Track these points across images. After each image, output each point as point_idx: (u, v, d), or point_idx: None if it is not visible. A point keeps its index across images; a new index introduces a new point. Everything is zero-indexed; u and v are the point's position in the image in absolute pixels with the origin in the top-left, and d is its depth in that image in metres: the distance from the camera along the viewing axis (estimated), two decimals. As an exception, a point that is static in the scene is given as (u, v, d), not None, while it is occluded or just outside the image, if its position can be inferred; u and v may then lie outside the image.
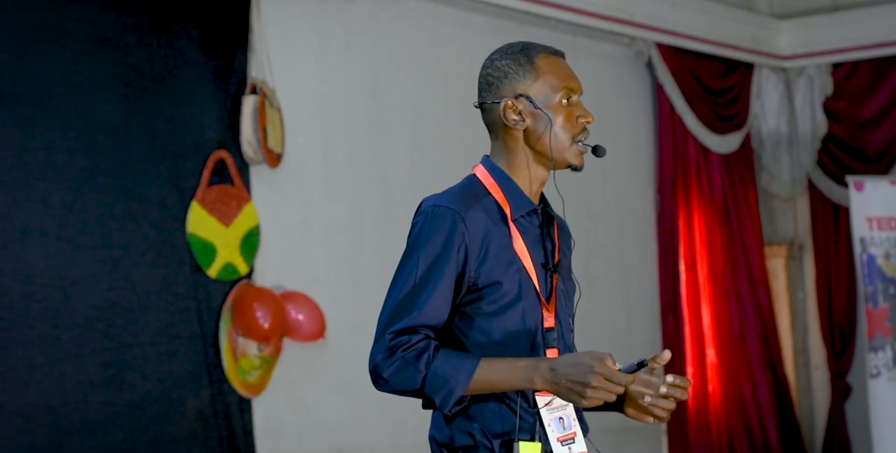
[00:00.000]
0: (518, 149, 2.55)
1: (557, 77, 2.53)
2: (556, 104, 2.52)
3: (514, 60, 2.55)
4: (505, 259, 2.47)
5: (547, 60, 2.55)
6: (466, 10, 6.16)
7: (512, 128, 2.53)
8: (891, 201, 7.11)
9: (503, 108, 2.53)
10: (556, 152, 2.52)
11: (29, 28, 4.38)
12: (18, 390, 4.25)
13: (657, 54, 7.07)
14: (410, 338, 2.41)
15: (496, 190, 2.53)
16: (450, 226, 2.44)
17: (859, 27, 7.63)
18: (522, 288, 2.48)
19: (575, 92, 2.54)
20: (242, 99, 4.97)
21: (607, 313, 6.88)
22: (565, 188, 7.81)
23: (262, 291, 4.91)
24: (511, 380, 2.39)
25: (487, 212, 2.49)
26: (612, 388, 2.33)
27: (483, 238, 2.46)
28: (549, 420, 2.48)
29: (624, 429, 6.93)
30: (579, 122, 2.53)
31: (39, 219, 4.35)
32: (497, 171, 2.55)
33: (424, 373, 2.38)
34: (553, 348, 2.51)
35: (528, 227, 2.55)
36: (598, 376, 2.33)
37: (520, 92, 2.53)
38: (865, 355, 7.06)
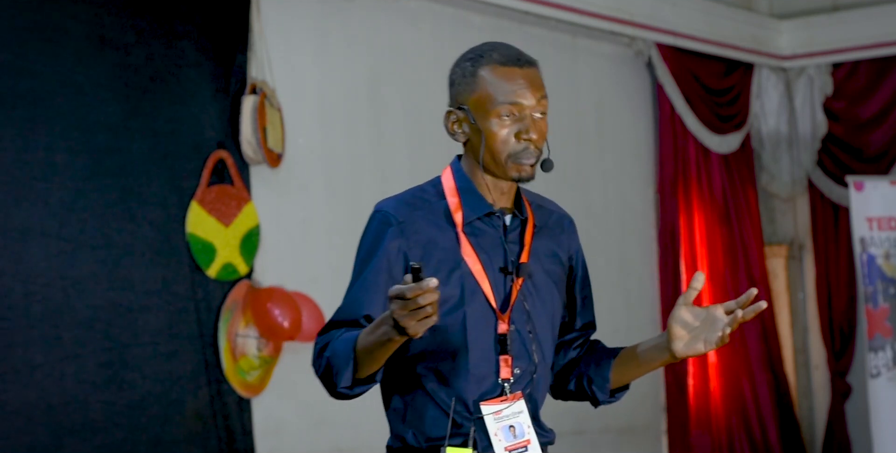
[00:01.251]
0: (469, 157, 2.50)
1: (501, 91, 2.42)
2: (494, 120, 2.42)
3: (461, 69, 2.48)
4: (448, 265, 2.41)
5: (493, 72, 2.44)
6: (466, 10, 6.16)
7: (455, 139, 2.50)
8: (891, 201, 7.11)
9: (446, 116, 2.49)
10: (495, 166, 2.44)
11: (29, 28, 4.38)
12: (18, 390, 4.25)
13: (657, 54, 7.07)
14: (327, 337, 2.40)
15: (453, 193, 2.48)
16: (383, 231, 2.41)
17: (859, 27, 7.63)
18: (466, 293, 2.41)
19: (520, 107, 2.42)
20: (242, 99, 4.97)
21: (607, 313, 6.86)
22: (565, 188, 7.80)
23: (272, 291, 4.91)
24: (379, 339, 2.24)
25: (434, 217, 2.44)
26: (408, 304, 2.11)
27: (425, 244, 2.41)
28: (495, 429, 2.41)
29: (624, 429, 6.93)
30: (521, 139, 2.42)
31: (39, 219, 4.35)
32: (459, 174, 2.51)
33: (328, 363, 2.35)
34: (506, 354, 2.43)
35: (485, 230, 2.46)
36: (393, 299, 2.13)
37: (461, 102, 2.47)
38: (865, 355, 7.06)
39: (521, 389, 2.46)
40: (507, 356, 2.43)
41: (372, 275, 2.40)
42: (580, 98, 6.86)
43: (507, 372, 2.44)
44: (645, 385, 7.08)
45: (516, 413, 2.43)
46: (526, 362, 2.47)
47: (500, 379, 2.44)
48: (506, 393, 2.44)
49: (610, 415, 6.84)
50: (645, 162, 7.26)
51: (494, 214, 2.48)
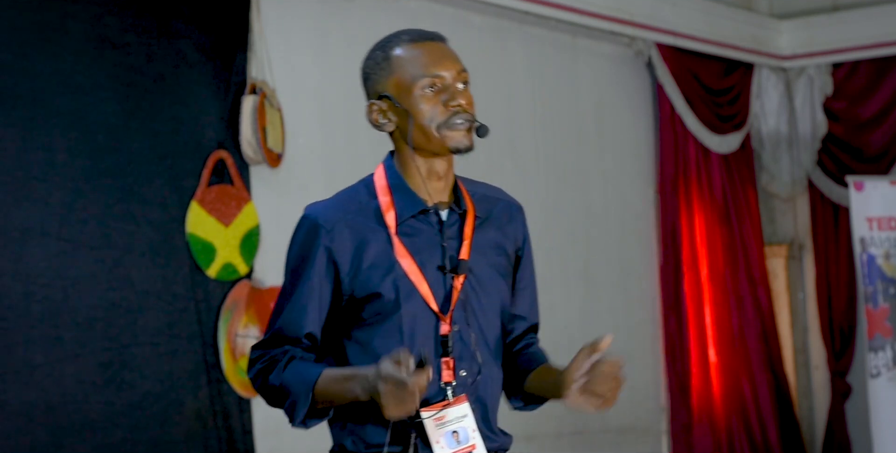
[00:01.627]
0: (400, 148, 2.44)
1: (416, 66, 2.38)
2: (418, 96, 2.37)
3: (373, 59, 2.45)
4: (382, 268, 2.35)
5: (405, 51, 2.40)
6: (466, 10, 6.16)
7: (383, 130, 2.45)
8: (891, 201, 7.11)
9: (368, 111, 2.44)
10: (431, 142, 2.38)
11: (29, 28, 4.38)
12: (18, 390, 4.24)
13: (657, 54, 7.07)
14: (267, 351, 2.37)
15: (385, 193, 2.42)
16: (312, 239, 2.37)
17: (859, 27, 7.63)
18: (401, 296, 2.34)
19: (441, 78, 2.38)
20: (242, 99, 4.97)
21: (607, 313, 6.88)
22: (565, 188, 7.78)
23: (272, 291, 4.91)
24: (345, 393, 2.26)
25: (365, 220, 2.39)
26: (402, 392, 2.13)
27: (355, 248, 2.36)
28: (437, 435, 2.32)
29: (624, 429, 6.93)
30: (449, 107, 2.38)
31: (39, 219, 4.35)
32: (391, 171, 2.45)
33: (276, 386, 2.33)
34: (447, 357, 2.36)
35: (421, 229, 2.40)
36: (384, 381, 2.15)
37: (380, 91, 2.42)
38: (865, 355, 7.06)
39: (467, 392, 2.38)
40: (449, 358, 2.36)
41: (306, 290, 2.36)
42: (580, 98, 6.86)
43: (448, 376, 2.36)
44: (645, 385, 7.08)
45: (459, 417, 2.34)
46: (470, 363, 2.39)
47: (443, 382, 2.36)
48: (448, 398, 2.35)
49: (610, 415, 6.84)
50: (645, 162, 7.26)
51: (429, 211, 2.41)
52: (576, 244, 6.75)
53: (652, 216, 7.25)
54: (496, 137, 6.31)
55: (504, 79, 6.40)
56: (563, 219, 6.67)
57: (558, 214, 6.64)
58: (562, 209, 6.66)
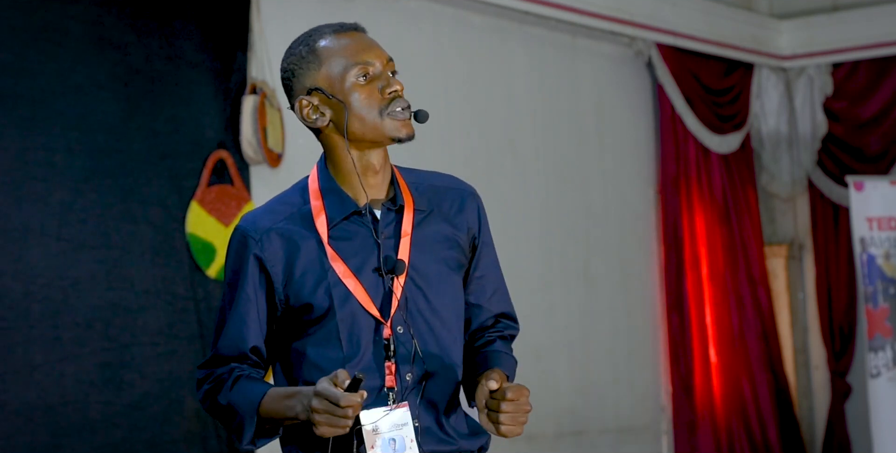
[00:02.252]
0: (333, 145, 2.33)
1: (344, 55, 2.31)
2: (352, 85, 2.29)
3: (296, 55, 2.34)
4: (314, 275, 2.28)
5: (331, 42, 2.33)
6: (466, 10, 6.16)
7: (316, 126, 2.32)
8: (891, 201, 7.10)
9: (298, 108, 2.32)
10: (370, 132, 2.28)
11: (29, 28, 4.38)
12: (18, 390, 4.25)
13: (657, 54, 7.07)
14: (213, 371, 2.32)
15: (316, 196, 2.33)
16: (243, 250, 2.30)
17: (859, 27, 7.63)
18: (335, 302, 2.26)
19: (371, 65, 2.31)
20: (242, 99, 4.97)
21: (607, 313, 6.89)
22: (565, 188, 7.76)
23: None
24: (286, 411, 2.19)
25: (296, 226, 2.30)
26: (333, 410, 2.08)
27: (287, 257, 2.29)
28: (373, 441, 2.21)
29: (624, 429, 6.93)
30: (386, 94, 2.31)
31: (39, 219, 4.35)
32: (324, 173, 2.35)
33: (222, 407, 2.28)
34: (390, 361, 2.28)
35: (355, 231, 2.31)
36: (318, 398, 2.10)
37: (309, 86, 2.31)
38: (865, 355, 7.06)
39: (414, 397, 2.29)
40: (391, 363, 2.28)
41: (244, 305, 2.30)
42: (580, 98, 6.86)
43: (390, 380, 2.27)
44: (645, 385, 7.08)
45: (399, 425, 2.23)
46: (415, 366, 2.30)
47: (386, 387, 2.27)
48: (390, 403, 2.25)
49: (610, 415, 6.84)
50: (645, 162, 7.26)
51: (361, 212, 2.31)
52: (576, 244, 6.75)
53: (652, 216, 7.25)
54: (496, 137, 6.36)
55: (504, 79, 6.40)
56: (563, 219, 6.67)
57: (558, 214, 6.64)
58: (562, 209, 6.66)
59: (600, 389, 6.78)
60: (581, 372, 6.64)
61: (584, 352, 6.69)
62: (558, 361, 6.53)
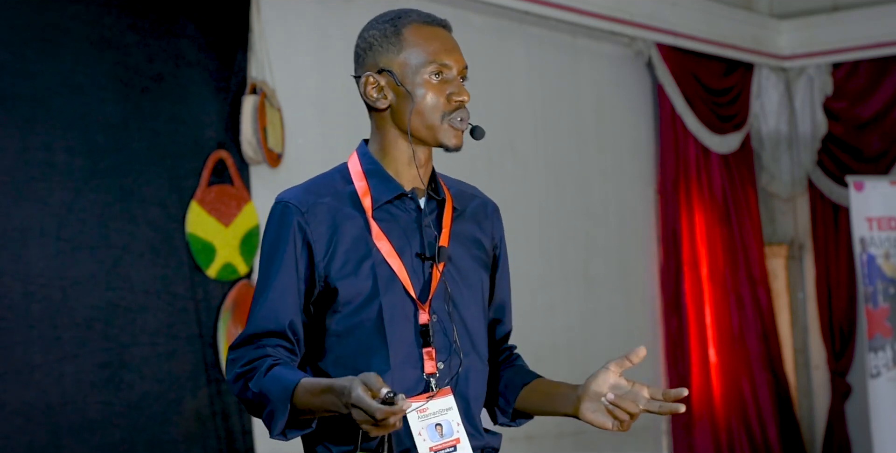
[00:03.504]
0: (386, 129, 2.33)
1: (427, 50, 2.28)
2: (424, 80, 2.27)
3: (380, 31, 2.32)
4: (358, 253, 2.24)
5: (418, 31, 2.31)
6: (466, 10, 6.16)
7: (374, 106, 2.31)
8: (891, 201, 7.11)
9: (364, 83, 2.30)
10: (425, 131, 2.28)
11: (29, 28, 4.38)
12: (17, 390, 4.25)
13: (657, 54, 7.08)
14: (247, 353, 2.23)
15: (360, 178, 2.31)
16: (287, 223, 2.25)
17: (859, 27, 7.63)
18: (380, 283, 2.23)
19: (448, 68, 2.29)
20: (242, 99, 4.97)
21: (607, 313, 6.89)
22: (565, 188, 7.76)
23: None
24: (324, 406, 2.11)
25: (340, 204, 2.28)
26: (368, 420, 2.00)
27: (331, 233, 2.24)
28: (419, 427, 2.19)
29: (624, 429, 6.93)
30: (452, 100, 2.28)
31: (39, 219, 4.35)
32: (366, 157, 2.34)
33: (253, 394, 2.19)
34: (429, 347, 2.25)
35: (398, 215, 2.29)
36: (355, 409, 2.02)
37: (382, 66, 2.29)
38: (865, 355, 7.06)
39: (451, 385, 2.27)
40: (430, 348, 2.25)
41: (284, 278, 2.23)
42: (580, 98, 6.86)
43: (431, 366, 2.25)
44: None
45: (444, 410, 2.23)
46: (450, 355, 2.28)
47: (425, 374, 2.25)
48: (432, 389, 2.24)
49: (610, 415, 6.83)
50: (645, 162, 7.26)
51: (406, 196, 2.31)
52: (576, 244, 6.75)
53: (652, 216, 7.26)
54: (496, 137, 6.35)
55: (504, 79, 6.40)
56: (563, 219, 6.67)
57: (558, 214, 6.64)
58: (562, 209, 6.66)
59: (600, 389, 6.77)
60: (581, 372, 6.60)
61: (584, 352, 6.68)
62: (558, 361, 6.52)
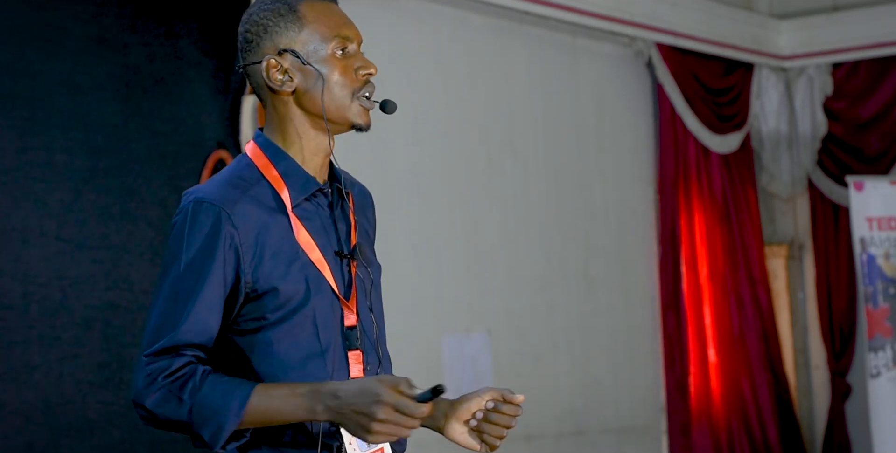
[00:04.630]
0: (290, 116, 2.17)
1: (327, 25, 2.17)
2: (329, 56, 2.15)
3: (273, 11, 2.19)
4: (286, 256, 2.09)
5: (312, 7, 2.18)
6: (466, 10, 6.16)
7: (279, 90, 2.16)
8: (891, 201, 7.10)
9: (265, 67, 2.17)
10: (335, 112, 2.15)
11: (29, 28, 4.38)
12: (17, 390, 4.25)
13: (657, 54, 7.07)
14: (172, 361, 2.04)
15: (270, 171, 2.14)
16: (212, 225, 2.06)
17: (859, 27, 7.63)
18: (311, 286, 2.10)
19: (350, 40, 2.18)
20: (242, 99, 4.98)
21: (607, 313, 6.88)
22: (565, 188, 7.74)
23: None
24: (290, 410, 2.01)
25: (259, 203, 2.11)
26: (402, 421, 1.94)
27: (256, 235, 2.08)
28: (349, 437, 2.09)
29: (624, 429, 6.93)
30: (360, 75, 2.17)
31: (38, 220, 4.35)
32: (271, 148, 2.17)
33: (190, 405, 2.01)
34: (355, 349, 2.14)
35: (313, 211, 2.16)
36: (386, 407, 1.93)
37: (283, 47, 2.17)
38: (865, 355, 7.06)
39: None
40: (358, 351, 2.15)
41: (214, 287, 2.06)
42: (580, 98, 6.86)
43: (357, 370, 2.15)
44: (645, 385, 7.08)
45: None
46: (373, 357, 2.18)
47: (351, 378, 2.13)
48: None
49: (610, 415, 6.84)
50: (645, 162, 7.26)
51: (324, 191, 2.19)
52: (576, 244, 6.75)
53: (652, 216, 7.25)
54: (496, 137, 6.35)
55: (504, 79, 6.40)
56: (563, 219, 6.67)
57: (558, 214, 6.64)
58: (562, 209, 6.66)
59: (600, 389, 6.77)
60: (581, 372, 6.64)
61: (584, 352, 6.68)
62: (558, 361, 6.52)
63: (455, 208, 6.02)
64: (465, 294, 6.02)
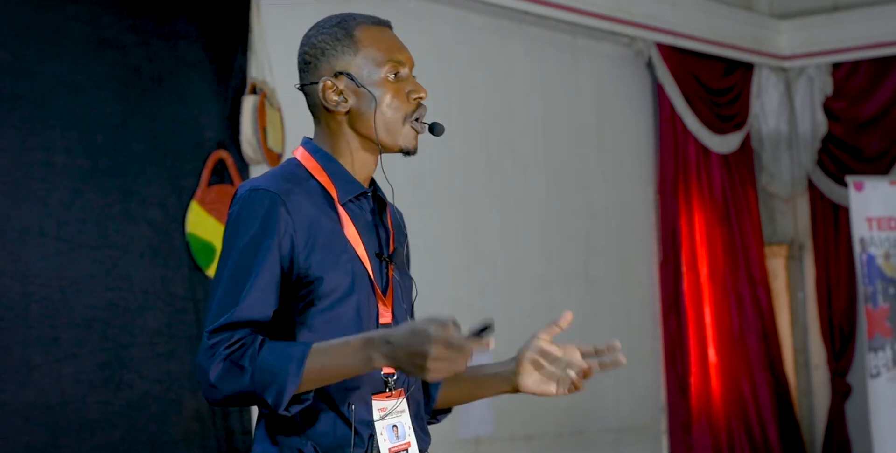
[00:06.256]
0: (342, 134, 2.27)
1: (381, 49, 2.25)
2: (382, 80, 2.24)
3: (330, 35, 2.28)
4: (336, 247, 2.17)
5: (368, 32, 2.27)
6: (466, 10, 6.17)
7: (334, 110, 2.25)
8: (891, 201, 7.11)
9: (322, 88, 2.25)
10: (386, 135, 2.25)
11: (29, 28, 4.38)
12: (17, 390, 4.25)
13: (657, 54, 7.08)
14: (232, 334, 2.10)
15: (319, 172, 2.23)
16: (268, 209, 2.14)
17: (859, 27, 7.63)
18: (356, 279, 2.18)
19: (403, 65, 2.26)
20: (242, 99, 4.98)
21: (607, 313, 6.88)
22: (565, 188, 7.73)
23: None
24: (348, 363, 2.07)
25: (311, 196, 2.20)
26: (454, 356, 2.01)
27: (308, 224, 2.16)
28: (381, 428, 2.18)
29: (624, 429, 6.93)
30: (411, 99, 2.27)
31: (38, 220, 4.35)
32: (320, 153, 2.26)
33: (251, 371, 2.07)
34: None
35: (358, 213, 2.25)
36: (438, 344, 2.00)
37: (339, 69, 2.25)
38: (865, 355, 7.06)
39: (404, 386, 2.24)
40: None
41: (268, 270, 2.13)
42: (580, 98, 6.86)
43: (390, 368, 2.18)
44: (645, 385, 7.08)
45: (399, 411, 2.21)
46: None
47: (384, 373, 2.20)
48: (390, 390, 2.21)
49: (610, 415, 6.84)
50: (645, 162, 7.26)
51: (367, 194, 2.29)
52: (576, 244, 6.75)
53: (652, 216, 7.25)
54: (496, 137, 6.35)
55: (504, 79, 6.40)
56: (563, 219, 6.67)
57: (558, 214, 6.64)
58: (562, 209, 6.67)
59: (600, 389, 6.77)
60: (581, 372, 6.63)
61: (583, 352, 6.68)
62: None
63: (455, 208, 6.02)
64: (465, 294, 6.03)
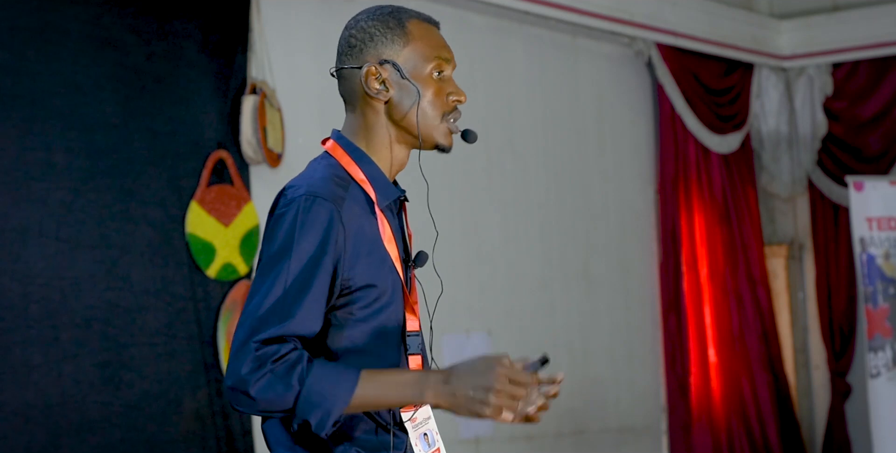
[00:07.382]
0: (379, 125, 2.24)
1: (430, 45, 2.22)
2: (427, 76, 2.22)
3: (382, 22, 2.23)
4: (378, 256, 2.15)
5: (420, 26, 2.24)
6: (466, 10, 6.17)
7: (373, 98, 2.22)
8: (891, 201, 7.11)
9: (365, 74, 2.21)
10: (424, 129, 2.22)
11: (29, 28, 4.38)
12: (16, 390, 4.25)
13: (657, 54, 7.08)
14: (280, 347, 2.04)
15: (357, 173, 2.20)
16: (327, 222, 2.10)
17: (859, 27, 7.64)
18: (394, 288, 2.17)
19: (448, 64, 2.24)
20: (242, 99, 4.98)
21: (607, 313, 6.89)
22: (565, 188, 7.74)
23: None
24: (398, 396, 2.06)
25: (357, 202, 2.16)
26: (516, 391, 2.02)
27: (357, 232, 2.13)
28: (415, 438, 2.17)
29: (624, 429, 6.93)
30: (450, 100, 2.24)
31: (38, 220, 4.35)
32: (356, 152, 2.23)
33: (298, 390, 2.02)
34: (416, 354, 2.20)
35: (389, 217, 2.22)
36: (502, 377, 2.02)
37: (386, 58, 2.21)
38: (865, 355, 7.06)
39: None
40: (418, 355, 2.21)
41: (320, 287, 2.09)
42: (580, 98, 6.86)
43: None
44: (645, 385, 7.08)
45: (426, 419, 2.19)
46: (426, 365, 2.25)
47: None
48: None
49: (610, 415, 6.84)
50: (645, 162, 7.26)
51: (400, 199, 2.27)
52: (576, 244, 6.75)
53: (652, 216, 7.26)
54: (496, 137, 6.35)
55: (504, 79, 6.40)
56: (563, 219, 6.67)
57: (558, 214, 6.64)
58: (562, 209, 6.67)
59: (600, 389, 6.78)
60: (581, 372, 6.64)
61: (584, 352, 6.69)
62: (558, 361, 6.52)
63: (455, 208, 6.02)
64: (465, 294, 6.03)
